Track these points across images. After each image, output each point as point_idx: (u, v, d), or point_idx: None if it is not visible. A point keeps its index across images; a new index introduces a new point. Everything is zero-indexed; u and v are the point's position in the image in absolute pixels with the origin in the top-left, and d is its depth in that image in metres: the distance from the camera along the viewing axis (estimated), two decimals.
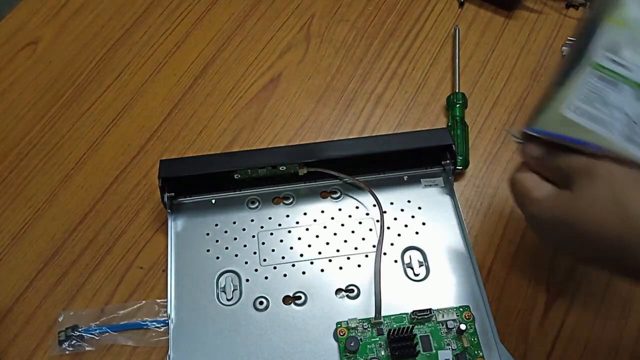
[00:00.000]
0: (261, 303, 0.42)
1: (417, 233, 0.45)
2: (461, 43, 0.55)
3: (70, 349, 0.40)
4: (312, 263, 0.43)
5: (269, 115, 0.52)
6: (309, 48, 0.56)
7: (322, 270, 0.43)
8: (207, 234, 0.44)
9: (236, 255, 0.44)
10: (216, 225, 0.45)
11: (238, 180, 0.46)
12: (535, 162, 0.33)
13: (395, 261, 0.43)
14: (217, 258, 0.43)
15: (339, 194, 0.47)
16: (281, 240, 0.44)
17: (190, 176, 0.44)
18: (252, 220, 0.45)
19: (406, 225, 0.45)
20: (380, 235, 0.43)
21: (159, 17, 0.58)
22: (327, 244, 0.44)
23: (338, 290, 0.42)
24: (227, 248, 0.44)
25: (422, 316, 0.40)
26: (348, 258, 0.44)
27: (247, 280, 0.43)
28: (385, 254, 0.43)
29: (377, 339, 0.39)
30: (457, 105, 0.50)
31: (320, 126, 0.51)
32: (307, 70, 0.55)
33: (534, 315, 0.42)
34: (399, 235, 0.45)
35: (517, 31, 0.56)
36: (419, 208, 0.46)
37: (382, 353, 0.39)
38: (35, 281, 0.44)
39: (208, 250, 0.44)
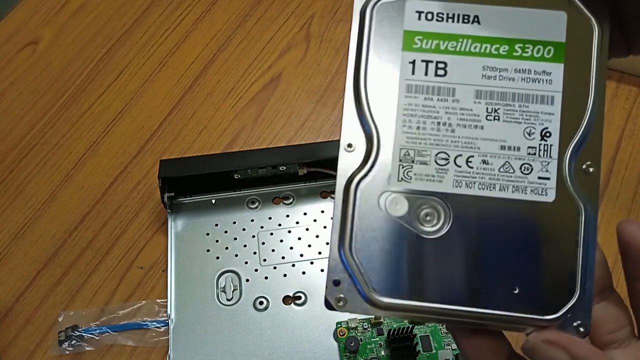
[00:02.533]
0: (261, 303, 0.42)
1: None
2: None
3: (70, 349, 0.40)
4: (312, 263, 0.43)
5: (269, 115, 0.52)
6: (309, 48, 0.56)
7: (322, 270, 0.43)
8: (207, 234, 0.44)
9: (236, 255, 0.44)
10: (216, 225, 0.45)
11: (238, 180, 0.46)
12: None
13: None
14: (217, 258, 0.43)
15: None
16: (281, 240, 0.44)
17: (190, 176, 0.44)
18: (252, 220, 0.45)
19: None
20: None
21: (159, 17, 0.58)
22: (327, 244, 0.44)
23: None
24: (227, 248, 0.44)
25: None
26: None
27: (247, 280, 0.43)
28: None
29: (377, 339, 0.39)
30: None
31: (320, 126, 0.51)
32: (307, 70, 0.55)
33: None
34: None
35: None
36: None
37: (382, 353, 0.39)
38: (35, 281, 0.44)
39: (208, 250, 0.44)
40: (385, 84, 0.23)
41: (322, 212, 0.46)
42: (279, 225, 0.45)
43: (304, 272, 0.43)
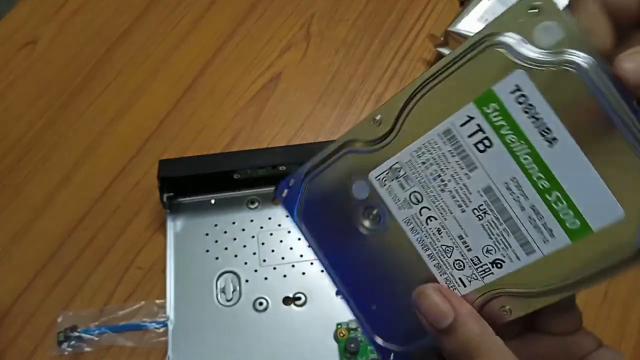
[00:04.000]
0: (261, 304, 0.42)
1: None
2: None
3: (70, 349, 0.40)
4: (312, 264, 0.43)
5: (269, 115, 0.52)
6: (309, 47, 0.56)
7: (322, 271, 0.43)
8: (207, 234, 0.44)
9: (236, 256, 0.43)
10: (215, 225, 0.45)
11: (238, 180, 0.46)
12: None
13: None
14: (217, 258, 0.43)
15: None
16: (281, 241, 0.44)
17: (189, 176, 0.44)
18: (252, 221, 0.45)
19: None
20: None
21: (159, 16, 0.58)
22: None
23: (338, 291, 0.42)
24: (226, 248, 0.44)
25: None
26: None
27: (247, 281, 0.42)
28: None
29: None
30: None
31: (320, 126, 0.51)
32: (307, 70, 0.54)
33: None
34: None
35: None
36: None
37: None
38: (34, 281, 0.43)
39: (207, 251, 0.44)
40: (438, 108, 0.23)
41: None
42: (279, 225, 0.45)
43: (303, 273, 0.43)
